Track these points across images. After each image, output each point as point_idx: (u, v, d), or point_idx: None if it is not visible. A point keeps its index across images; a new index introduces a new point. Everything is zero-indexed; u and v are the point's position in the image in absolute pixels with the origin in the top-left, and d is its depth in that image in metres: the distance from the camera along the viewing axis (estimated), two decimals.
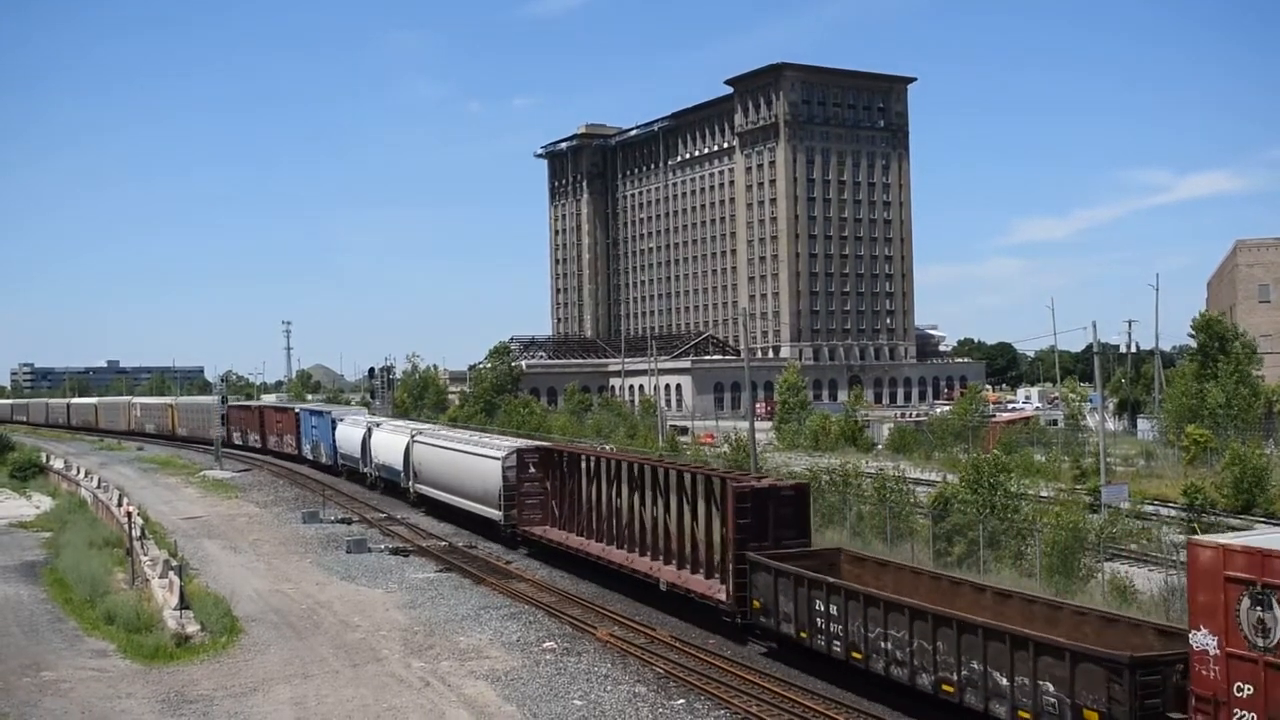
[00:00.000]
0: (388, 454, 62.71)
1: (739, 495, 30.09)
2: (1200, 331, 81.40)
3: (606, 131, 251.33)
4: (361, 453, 67.94)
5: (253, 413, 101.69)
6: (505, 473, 44.93)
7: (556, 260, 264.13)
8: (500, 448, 47.84)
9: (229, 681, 27.38)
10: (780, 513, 30.31)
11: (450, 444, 54.20)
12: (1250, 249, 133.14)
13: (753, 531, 29.81)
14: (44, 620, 34.70)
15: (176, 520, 56.00)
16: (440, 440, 56.50)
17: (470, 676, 27.40)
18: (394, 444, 61.81)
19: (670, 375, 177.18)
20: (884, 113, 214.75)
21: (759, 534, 29.87)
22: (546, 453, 44.86)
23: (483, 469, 47.48)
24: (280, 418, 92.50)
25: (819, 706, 24.26)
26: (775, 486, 31.13)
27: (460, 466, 50.73)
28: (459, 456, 51.34)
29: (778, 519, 30.20)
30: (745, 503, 30.03)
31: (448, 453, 53.24)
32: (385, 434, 65.18)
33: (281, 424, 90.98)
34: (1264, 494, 51.62)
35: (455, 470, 51.43)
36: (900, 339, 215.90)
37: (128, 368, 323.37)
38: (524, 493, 43.81)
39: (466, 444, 52.36)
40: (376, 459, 65.07)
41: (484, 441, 52.48)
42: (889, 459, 75.45)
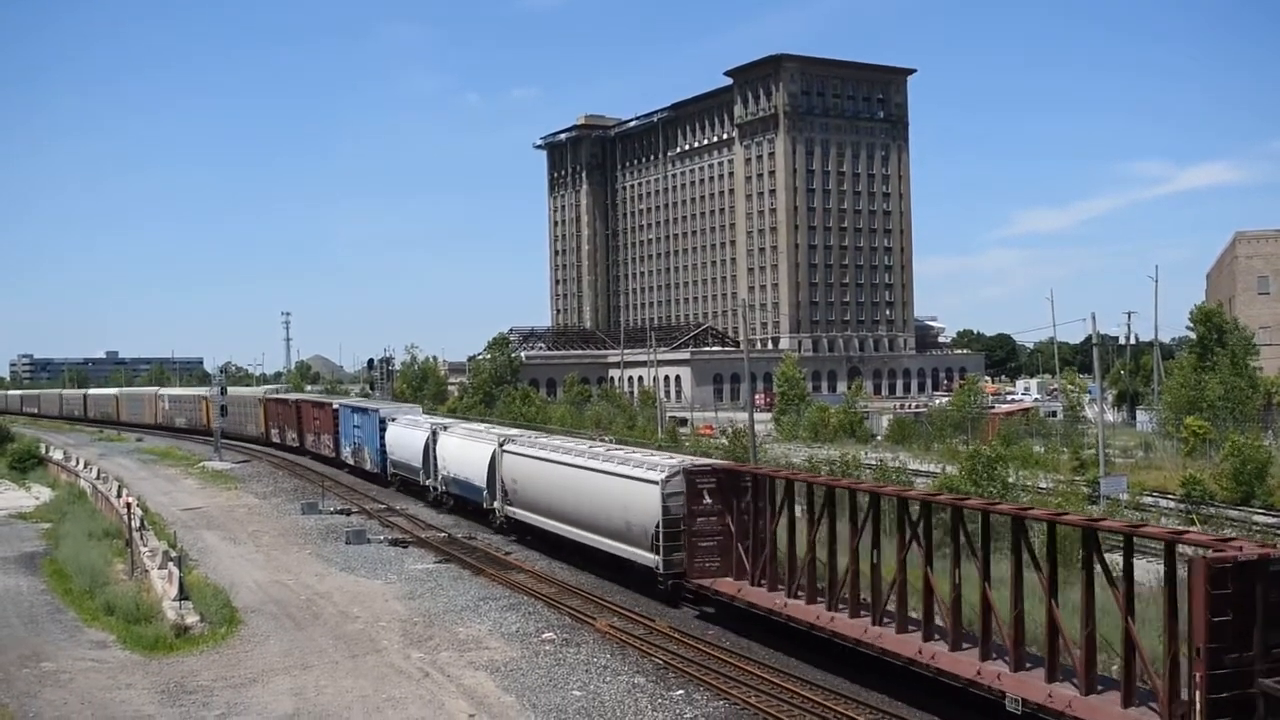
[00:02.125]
0: (463, 466, 50.90)
1: (1214, 573, 18.30)
2: (1199, 323, 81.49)
3: (606, 123, 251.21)
4: (424, 462, 56.45)
5: (290, 408, 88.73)
6: (666, 502, 32.89)
7: (556, 251, 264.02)
8: (656, 465, 35.00)
9: (228, 672, 27.41)
10: (1273, 600, 18.67)
11: (566, 458, 41.18)
12: (1249, 240, 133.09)
13: (1233, 635, 18.38)
14: (44, 611, 34.68)
15: (176, 511, 56.02)
16: (547, 452, 43.10)
17: (469, 667, 27.42)
18: (473, 454, 49.98)
19: (669, 366, 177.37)
20: (884, 104, 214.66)
21: (1240, 638, 18.45)
22: (729, 475, 32.72)
23: (627, 495, 35.25)
24: (317, 414, 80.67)
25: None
26: (1267, 558, 19.02)
27: (586, 490, 38.45)
28: (584, 475, 38.73)
29: (1269, 611, 18.57)
30: (1225, 586, 18.34)
31: (563, 469, 40.59)
32: (459, 440, 53.26)
33: (319, 421, 79.92)
34: (1263, 485, 51.65)
35: (576, 494, 39.26)
36: (899, 330, 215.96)
37: (127, 358, 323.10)
38: (695, 531, 32.03)
39: (595, 458, 39.16)
40: (447, 471, 53.20)
41: (622, 456, 38.42)
42: (888, 450, 75.64)
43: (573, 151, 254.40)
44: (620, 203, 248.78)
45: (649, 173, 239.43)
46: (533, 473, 42.82)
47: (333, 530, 48.88)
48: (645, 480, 34.17)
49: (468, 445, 51.43)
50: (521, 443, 45.84)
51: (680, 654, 28.03)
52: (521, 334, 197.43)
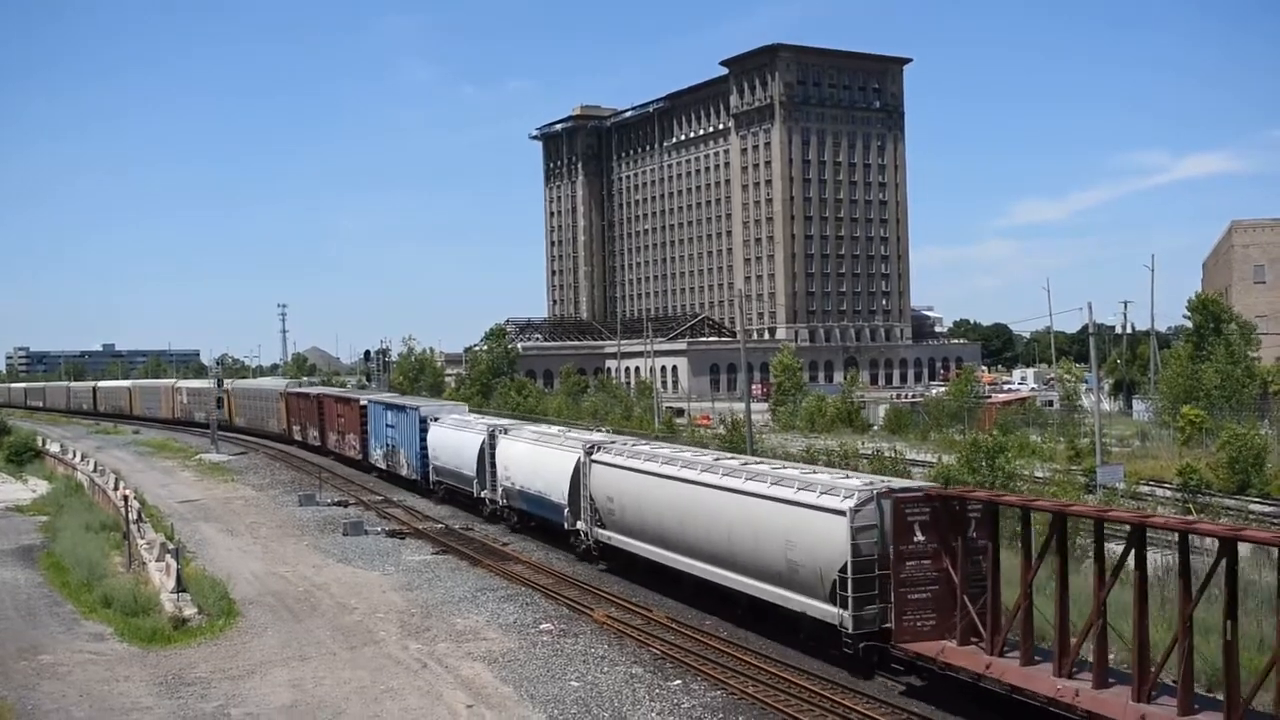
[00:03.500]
0: (534, 477, 42.46)
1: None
2: (1195, 312, 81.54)
3: (602, 113, 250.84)
4: (480, 470, 48.08)
5: (311, 403, 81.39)
6: (856, 538, 24.60)
7: (552, 242, 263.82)
8: (838, 489, 25.85)
9: (226, 664, 27.44)
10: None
11: (694, 474, 31.55)
12: (1246, 230, 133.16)
13: None
14: (41, 604, 34.70)
15: (173, 504, 56.04)
16: (660, 465, 33.61)
17: (467, 658, 27.46)
18: (548, 463, 41.29)
19: (666, 357, 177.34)
20: (879, 94, 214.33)
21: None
22: (951, 503, 24.28)
23: (794, 527, 26.53)
24: (342, 411, 73.23)
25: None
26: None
27: (727, 516, 29.28)
28: (725, 499, 29.43)
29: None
30: None
31: (688, 489, 31.42)
32: (527, 446, 44.44)
33: (344, 419, 72.46)
34: (1260, 474, 51.69)
35: (709, 521, 30.17)
36: (896, 320, 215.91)
37: (123, 351, 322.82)
38: (905, 578, 23.98)
39: (740, 476, 29.47)
40: (511, 482, 44.77)
41: (784, 475, 28.52)
42: (885, 440, 75.72)
43: (568, 142, 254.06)
44: (616, 193, 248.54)
45: (645, 163, 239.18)
46: (640, 490, 34.04)
47: (330, 522, 48.92)
48: (824, 509, 25.58)
49: (540, 453, 42.39)
50: (618, 451, 36.90)
51: (677, 644, 28.06)
52: (518, 325, 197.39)
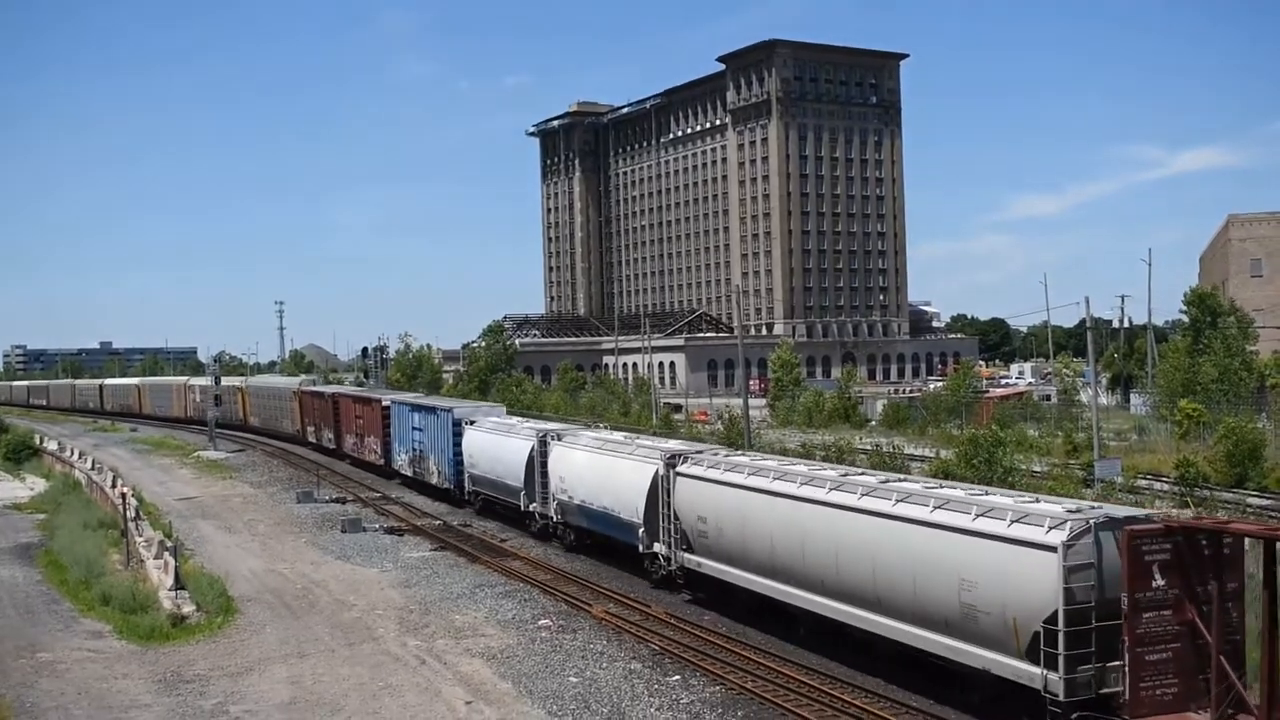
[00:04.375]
0: (600, 491, 36.56)
1: None
2: (1193, 306, 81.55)
3: (599, 109, 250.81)
4: (527, 481, 42.45)
5: (326, 402, 76.29)
6: (1070, 580, 19.40)
7: (549, 239, 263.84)
8: (1040, 516, 20.57)
9: (225, 661, 27.43)
10: None
11: (819, 493, 25.95)
12: (1242, 224, 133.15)
13: None
14: (39, 602, 34.68)
15: (171, 501, 56.02)
16: (770, 480, 27.97)
17: (466, 654, 27.46)
18: (617, 476, 35.50)
19: (663, 353, 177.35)
20: (876, 89, 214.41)
21: None
22: (1195, 537, 19.22)
23: (973, 562, 21.31)
24: (360, 412, 67.68)
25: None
26: None
27: (866, 544, 24.21)
28: (866, 523, 24.19)
29: None
30: None
31: (812, 510, 25.93)
32: (587, 455, 38.54)
33: (362, 420, 67.04)
34: (1258, 468, 51.69)
35: (843, 548, 24.88)
36: (893, 315, 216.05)
37: (120, 349, 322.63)
38: (1142, 634, 18.91)
39: (888, 495, 24.15)
40: (568, 495, 38.98)
41: (941, 495, 23.35)
42: (883, 435, 75.71)
43: (566, 138, 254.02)
44: (614, 189, 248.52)
45: (642, 159, 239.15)
46: (744, 510, 28.45)
47: (328, 519, 48.90)
48: (1022, 542, 20.19)
49: (607, 463, 36.23)
50: (711, 463, 31.09)
51: (676, 640, 28.07)
52: (516, 321, 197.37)
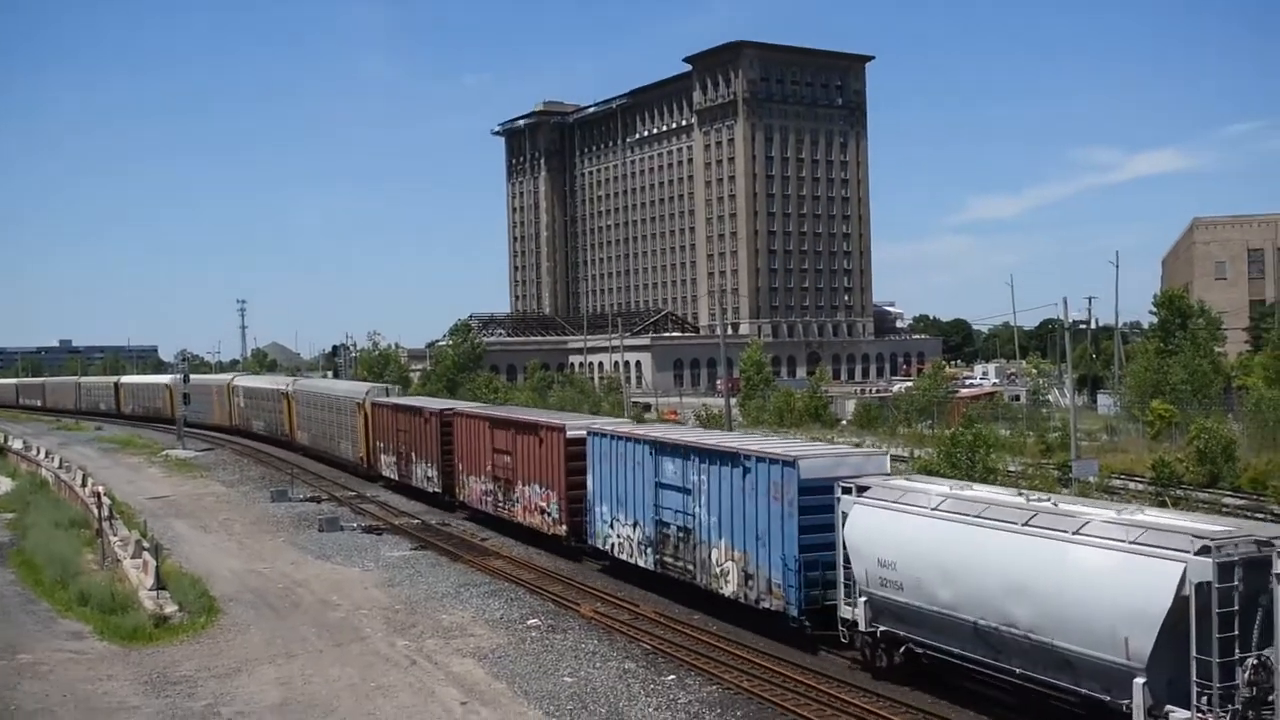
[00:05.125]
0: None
1: None
2: (1162, 307, 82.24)
3: (564, 109, 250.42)
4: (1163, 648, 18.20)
5: (424, 421, 51.51)
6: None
7: (515, 238, 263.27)
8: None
9: (211, 662, 27.04)
10: None
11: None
12: (1207, 227, 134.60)
13: None
14: (14, 602, 34.09)
15: (143, 500, 55.33)
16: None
17: (456, 654, 27.18)
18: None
19: (630, 352, 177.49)
20: (842, 91, 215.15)
21: None
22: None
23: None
24: (510, 442, 41.83)
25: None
26: None
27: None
28: None
29: None
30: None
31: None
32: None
33: (511, 456, 41.74)
34: (1230, 467, 52.20)
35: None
36: (858, 316, 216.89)
37: (80, 347, 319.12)
38: None
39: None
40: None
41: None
42: (854, 434, 75.94)
43: (531, 138, 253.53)
44: (579, 189, 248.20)
45: (608, 159, 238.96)
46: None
47: (304, 518, 48.42)
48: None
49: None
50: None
51: (668, 639, 27.91)
52: (481, 320, 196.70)
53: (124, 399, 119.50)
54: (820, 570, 25.94)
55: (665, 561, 31.93)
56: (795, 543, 26.29)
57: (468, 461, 46.35)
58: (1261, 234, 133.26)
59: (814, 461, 27.03)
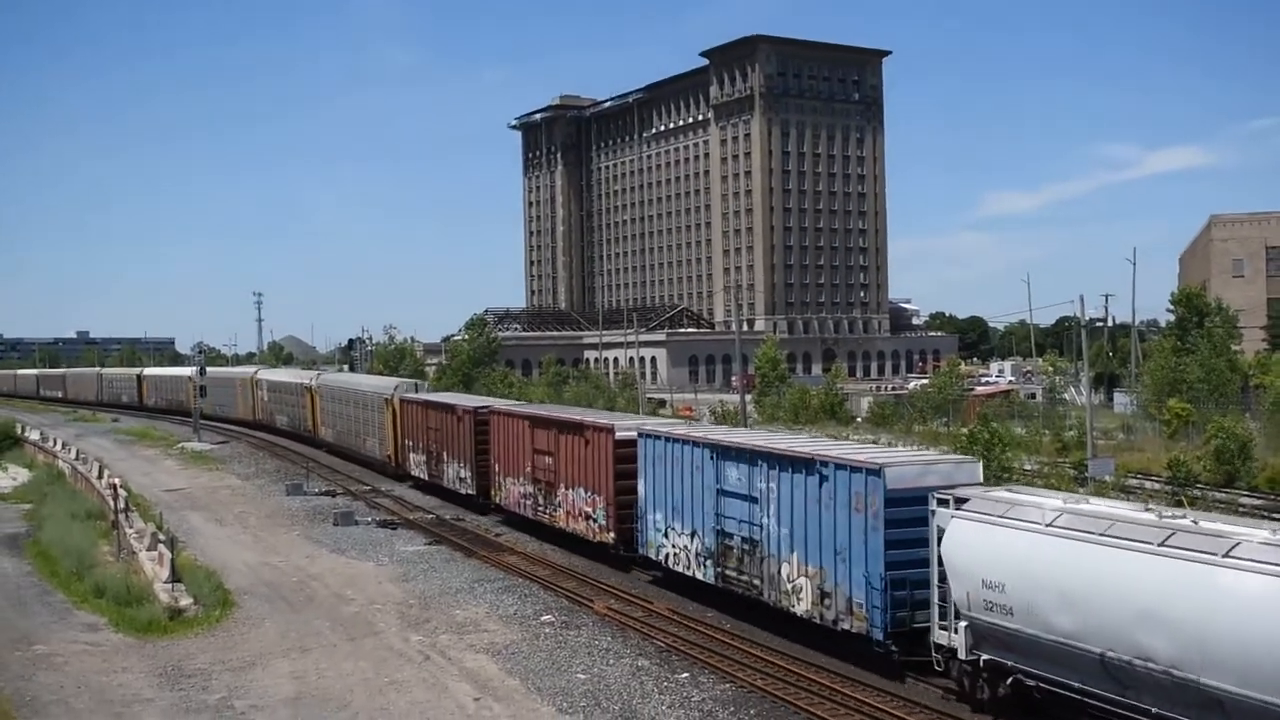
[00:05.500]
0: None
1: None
2: (1179, 305, 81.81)
3: (581, 103, 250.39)
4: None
5: (457, 419, 49.03)
6: None
7: (531, 232, 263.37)
8: None
9: (226, 655, 27.11)
10: None
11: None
12: (1225, 224, 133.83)
13: None
14: (31, 594, 34.26)
15: (158, 493, 55.50)
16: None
17: (470, 650, 27.20)
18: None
19: (645, 348, 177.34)
20: (859, 86, 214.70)
21: None
22: None
23: None
24: (551, 443, 39.53)
25: None
26: None
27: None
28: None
29: None
30: None
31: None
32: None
33: (553, 459, 39.37)
34: (1246, 466, 51.96)
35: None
36: (874, 312, 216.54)
37: (98, 338, 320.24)
38: None
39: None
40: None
41: None
42: (869, 431, 75.71)
43: (548, 132, 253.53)
44: (595, 184, 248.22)
45: (624, 154, 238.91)
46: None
47: (319, 511, 48.51)
48: None
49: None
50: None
51: (682, 636, 27.89)
52: (496, 315, 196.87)
53: (147, 391, 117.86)
54: (908, 590, 23.74)
55: (727, 575, 29.55)
56: (881, 559, 23.99)
57: (505, 462, 43.88)
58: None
59: (902, 469, 24.61)
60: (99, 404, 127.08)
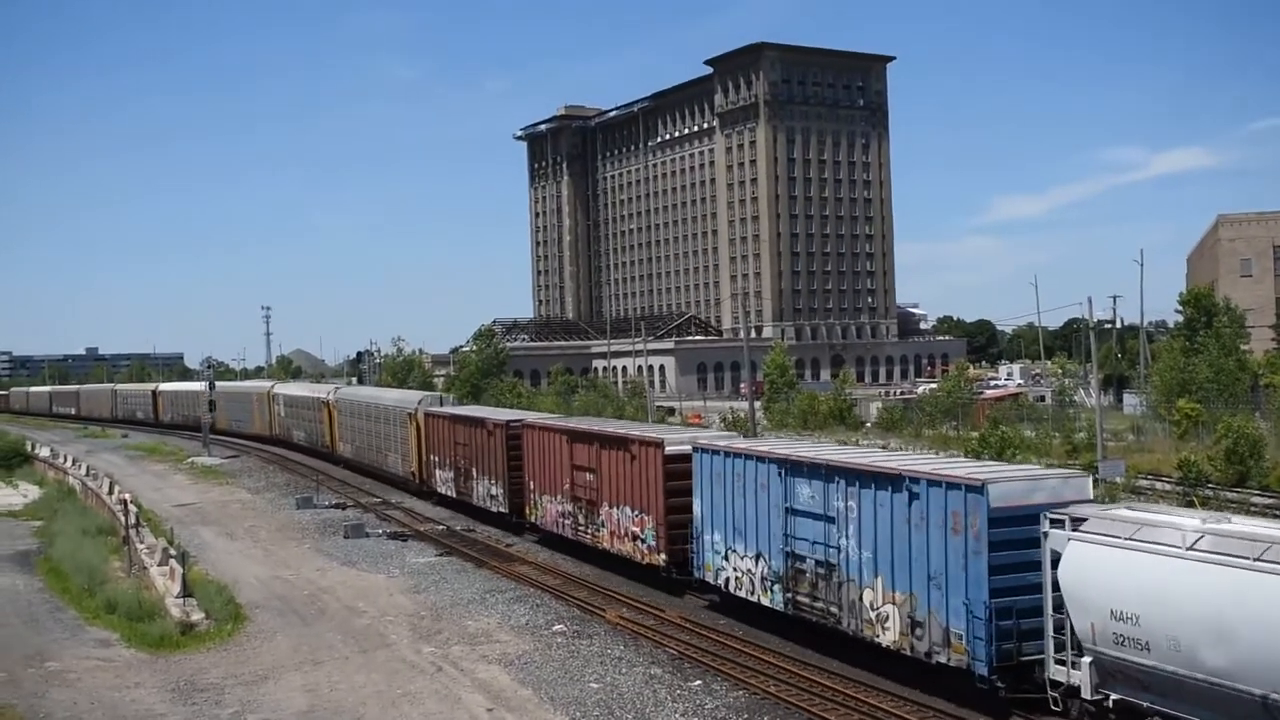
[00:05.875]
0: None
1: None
2: (1188, 305, 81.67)
3: (586, 113, 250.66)
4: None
5: (488, 435, 46.57)
6: None
7: (537, 242, 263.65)
8: None
9: (239, 669, 27.11)
10: None
11: None
12: (1232, 223, 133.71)
13: None
14: (43, 610, 34.33)
15: (169, 508, 55.59)
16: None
17: (482, 661, 27.18)
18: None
19: (653, 356, 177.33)
20: (863, 92, 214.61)
21: None
22: None
23: None
24: (591, 459, 37.21)
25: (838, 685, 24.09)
26: None
27: None
28: None
29: None
30: None
31: None
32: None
33: (595, 476, 36.88)
34: (1259, 466, 51.79)
35: None
36: (882, 317, 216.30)
37: (107, 354, 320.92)
38: None
39: None
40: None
41: None
42: (879, 436, 75.69)
43: (553, 142, 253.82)
44: (601, 193, 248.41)
45: (630, 163, 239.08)
46: None
47: (330, 524, 48.54)
48: None
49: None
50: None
51: (694, 644, 27.83)
52: (504, 325, 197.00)
53: (163, 407, 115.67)
54: (1015, 619, 21.41)
55: (799, 601, 27.12)
56: (984, 585, 21.59)
57: (541, 479, 41.37)
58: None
59: (1006, 486, 22.15)
60: (113, 420, 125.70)
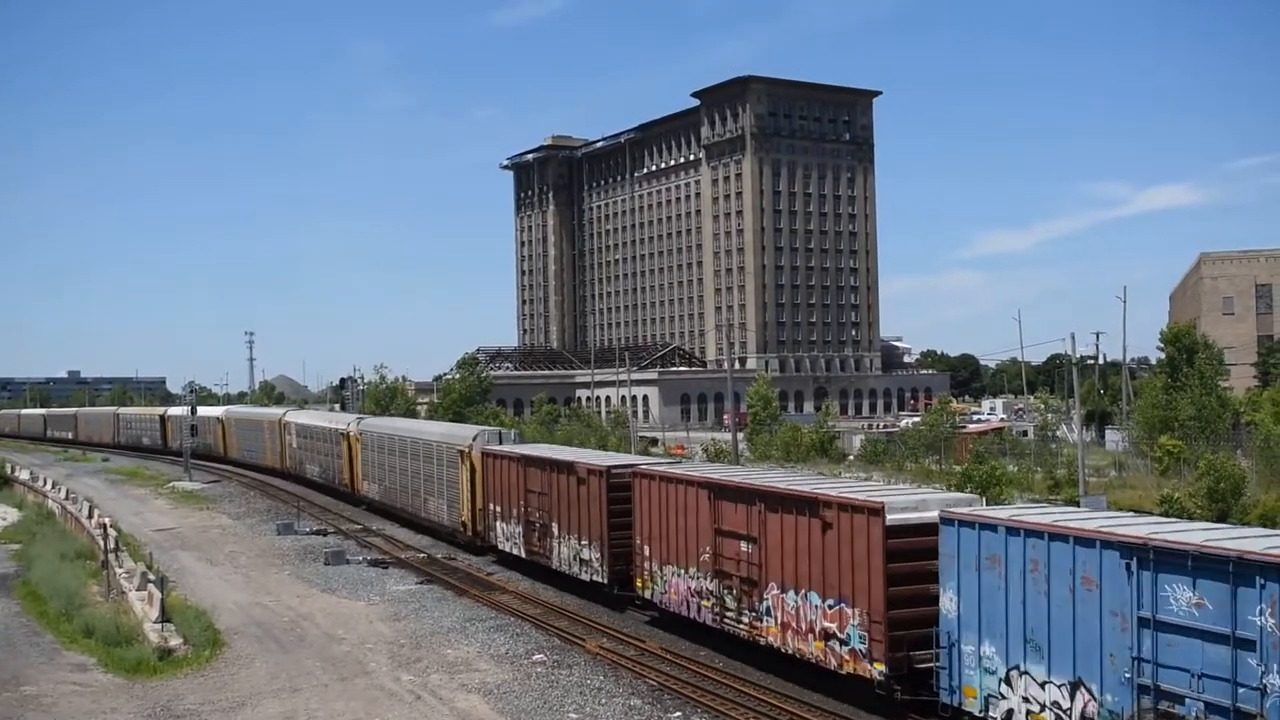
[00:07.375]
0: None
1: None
2: (1169, 343, 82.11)
3: (573, 143, 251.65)
4: None
5: (574, 482, 37.44)
6: None
7: (523, 272, 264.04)
8: None
9: (215, 695, 26.93)
10: None
11: None
12: (1214, 262, 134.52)
13: None
14: (19, 634, 34.02)
15: (148, 532, 55.24)
16: None
17: (461, 689, 27.06)
18: None
19: (637, 386, 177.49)
20: (849, 125, 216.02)
21: None
22: None
23: None
24: (723, 511, 28.96)
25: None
26: None
27: None
28: None
29: None
30: None
31: None
32: None
33: (750, 548, 27.86)
34: (1238, 503, 51.98)
35: None
36: (866, 350, 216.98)
37: (88, 378, 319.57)
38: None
39: None
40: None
41: None
42: (861, 469, 75.75)
43: (539, 172, 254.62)
44: (587, 223, 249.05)
45: (616, 193, 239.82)
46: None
47: (310, 551, 48.32)
48: None
49: None
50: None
51: (673, 675, 27.74)
52: (488, 354, 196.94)
53: (172, 432, 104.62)
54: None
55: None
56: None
57: (662, 544, 32.11)
58: (1269, 269, 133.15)
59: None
60: (115, 447, 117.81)
